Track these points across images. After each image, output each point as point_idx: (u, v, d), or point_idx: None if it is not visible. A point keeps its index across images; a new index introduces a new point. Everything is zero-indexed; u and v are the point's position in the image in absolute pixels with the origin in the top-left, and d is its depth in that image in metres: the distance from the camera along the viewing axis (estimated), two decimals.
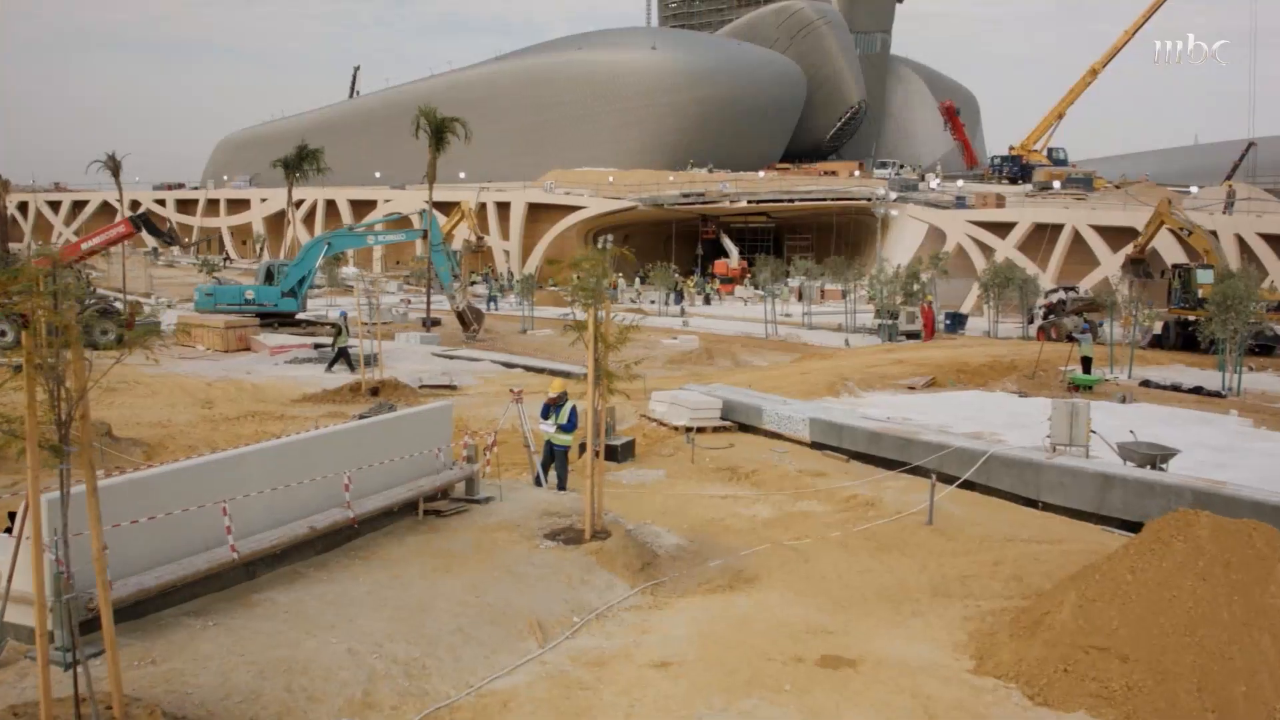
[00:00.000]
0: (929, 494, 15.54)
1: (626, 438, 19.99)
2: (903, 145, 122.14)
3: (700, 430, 21.77)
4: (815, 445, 20.30)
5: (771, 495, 17.19)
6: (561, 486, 16.23)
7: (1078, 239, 53.00)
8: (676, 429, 21.88)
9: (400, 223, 47.82)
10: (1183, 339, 39.95)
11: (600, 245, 72.77)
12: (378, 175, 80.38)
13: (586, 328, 12.95)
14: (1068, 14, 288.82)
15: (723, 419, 22.41)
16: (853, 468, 18.97)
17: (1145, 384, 31.03)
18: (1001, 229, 55.63)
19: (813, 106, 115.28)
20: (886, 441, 18.97)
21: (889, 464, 18.54)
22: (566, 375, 29.84)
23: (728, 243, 77.80)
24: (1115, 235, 51.60)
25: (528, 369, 30.65)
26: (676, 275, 62.73)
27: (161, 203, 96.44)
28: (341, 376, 27.71)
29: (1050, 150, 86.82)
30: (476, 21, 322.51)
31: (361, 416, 23.72)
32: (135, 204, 79.61)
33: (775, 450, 20.16)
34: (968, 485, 16.94)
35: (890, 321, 39.71)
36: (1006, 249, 54.44)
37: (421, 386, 27.87)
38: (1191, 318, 39.63)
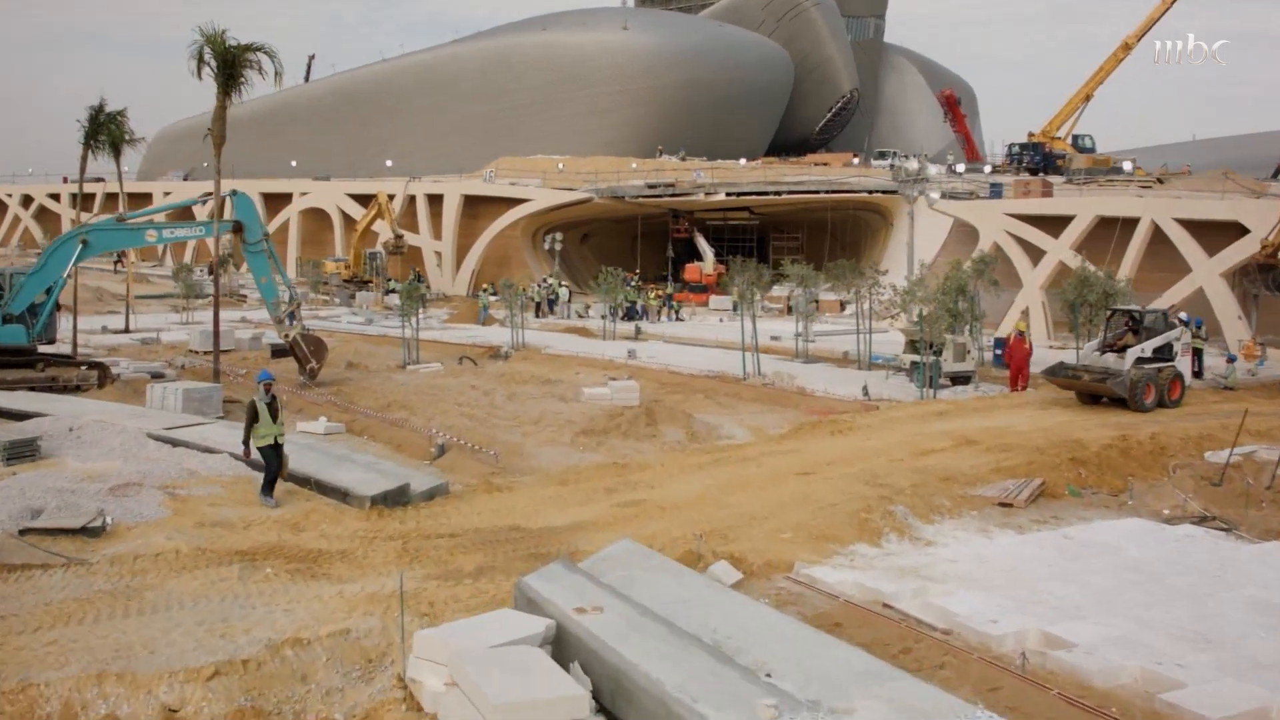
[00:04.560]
0: None
1: None
2: (897, 138, 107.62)
3: None
4: None
5: None
6: None
7: (1156, 238, 38.39)
8: None
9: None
10: None
11: (549, 246, 57.94)
12: (294, 164, 65.92)
13: None
14: (1059, 14, 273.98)
15: (603, 712, 7.67)
16: None
17: None
18: (1053, 224, 40.92)
19: (801, 96, 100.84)
20: None
21: None
22: (354, 500, 14.78)
23: (702, 243, 62.88)
24: (1210, 233, 37.02)
25: (295, 480, 15.58)
26: (635, 284, 47.86)
27: (55, 197, 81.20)
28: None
29: (1075, 137, 72.04)
30: (464, 24, 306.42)
31: None
32: None
33: None
34: None
35: (933, 358, 24.97)
36: (1061, 250, 39.81)
37: (24, 532, 12.98)
38: None
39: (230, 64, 23.21)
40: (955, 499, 15.73)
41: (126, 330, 40.05)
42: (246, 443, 14.91)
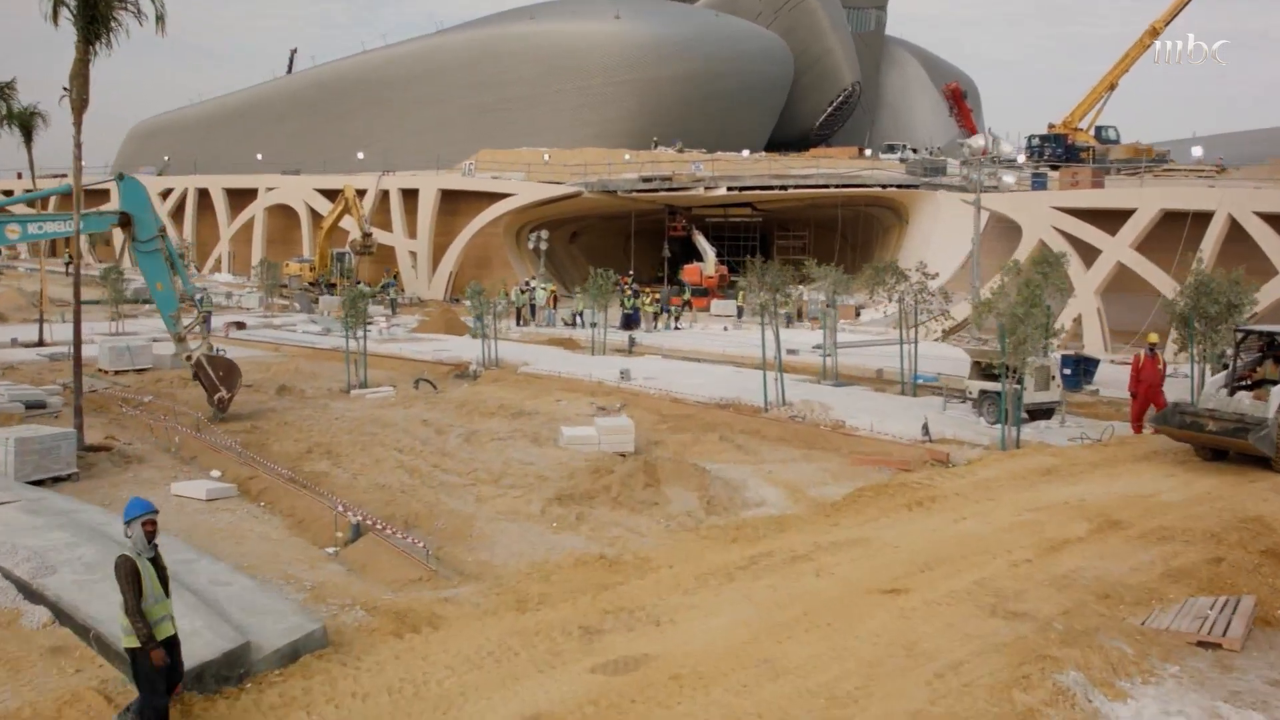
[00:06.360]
0: None
1: None
2: (899, 134, 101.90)
3: None
4: None
5: None
6: None
7: (1232, 235, 32.54)
8: None
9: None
10: None
11: (534, 245, 51.93)
12: (259, 158, 59.68)
13: None
14: (1051, 14, 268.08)
15: None
16: None
17: None
18: (1109, 220, 35.07)
19: (800, 89, 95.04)
20: None
21: None
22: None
23: (702, 241, 56.87)
24: None
25: (73, 627, 9.54)
26: (629, 288, 41.85)
27: (8, 193, 74.83)
28: None
29: (1099, 129, 66.39)
30: (455, 23, 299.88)
31: None
32: None
33: None
34: None
35: (1017, 386, 18.99)
36: (1120, 248, 33.93)
37: None
38: None
39: (93, 3, 17.21)
40: (1133, 638, 9.74)
41: (40, 343, 33.89)
42: (149, 640, 7.31)
